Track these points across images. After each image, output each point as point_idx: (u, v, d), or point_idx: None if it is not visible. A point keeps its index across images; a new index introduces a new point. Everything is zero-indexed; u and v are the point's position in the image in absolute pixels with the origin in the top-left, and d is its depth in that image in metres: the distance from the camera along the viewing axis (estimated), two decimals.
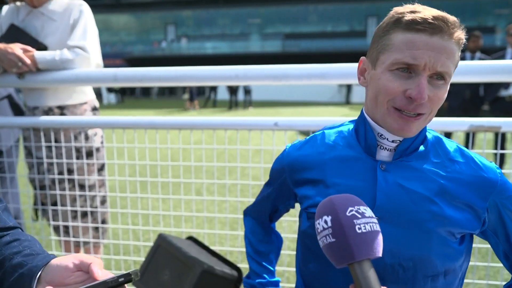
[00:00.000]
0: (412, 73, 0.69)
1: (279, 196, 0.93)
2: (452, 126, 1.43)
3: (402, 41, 0.69)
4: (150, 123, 1.65)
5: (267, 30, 29.96)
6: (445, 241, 0.72)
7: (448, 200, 0.73)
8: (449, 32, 0.67)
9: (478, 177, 0.74)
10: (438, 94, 0.70)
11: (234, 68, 1.54)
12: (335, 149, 0.82)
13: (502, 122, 1.40)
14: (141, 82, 1.62)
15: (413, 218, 0.72)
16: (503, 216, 0.75)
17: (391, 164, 0.76)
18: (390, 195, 0.73)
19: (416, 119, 0.70)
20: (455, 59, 0.69)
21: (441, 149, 0.78)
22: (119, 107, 18.17)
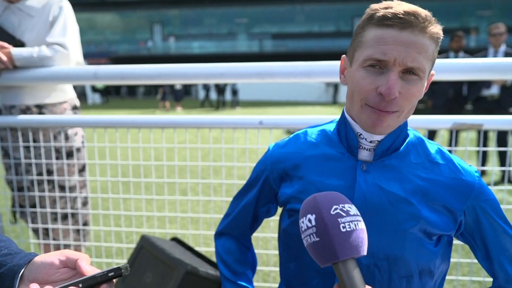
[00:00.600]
0: (384, 69, 0.68)
1: (261, 199, 0.90)
2: (436, 124, 1.44)
3: (373, 37, 0.68)
4: (132, 122, 1.61)
5: (254, 30, 29.95)
6: (419, 241, 0.73)
7: (425, 201, 0.73)
8: (420, 26, 0.66)
9: (457, 179, 0.75)
10: (411, 90, 0.68)
11: (219, 66, 1.52)
12: (317, 148, 0.81)
13: (484, 119, 1.42)
14: (123, 79, 1.58)
15: (389, 219, 0.72)
16: (480, 219, 0.76)
17: (372, 165, 0.76)
18: (367, 195, 0.73)
19: (389, 115, 0.69)
20: (428, 54, 0.68)
21: (422, 150, 0.78)
22: (104, 107, 17.89)
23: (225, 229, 0.97)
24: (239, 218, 0.94)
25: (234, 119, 1.58)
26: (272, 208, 0.92)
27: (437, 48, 0.70)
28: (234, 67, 1.50)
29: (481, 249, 0.78)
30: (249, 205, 0.92)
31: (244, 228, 0.95)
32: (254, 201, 0.91)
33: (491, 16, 27.27)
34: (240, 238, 0.97)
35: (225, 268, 0.94)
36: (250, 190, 0.92)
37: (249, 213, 0.92)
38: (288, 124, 1.52)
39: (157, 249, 1.47)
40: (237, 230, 0.96)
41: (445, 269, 0.80)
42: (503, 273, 0.77)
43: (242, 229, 0.95)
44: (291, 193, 0.80)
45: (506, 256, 0.77)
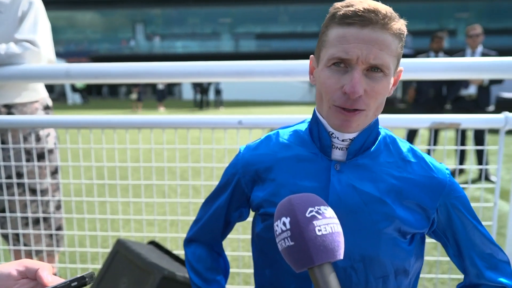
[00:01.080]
0: (348, 67, 0.68)
1: (232, 204, 0.87)
2: (415, 123, 1.44)
3: (335, 36, 0.68)
4: (106, 122, 1.55)
5: (238, 30, 29.89)
6: (394, 241, 0.72)
7: (399, 200, 0.73)
8: (381, 23, 0.66)
9: (429, 177, 0.75)
10: (376, 88, 0.68)
11: (195, 65, 1.48)
12: (289, 149, 0.80)
13: (462, 119, 1.42)
14: (96, 78, 1.52)
15: (364, 220, 0.72)
16: (452, 216, 0.76)
17: (345, 164, 0.75)
18: (342, 196, 0.73)
19: (355, 114, 0.69)
20: (391, 50, 0.68)
21: (394, 149, 0.77)
22: (84, 108, 17.50)
23: (195, 235, 0.93)
24: (210, 223, 0.90)
25: (212, 119, 1.54)
26: (244, 212, 0.89)
27: (401, 44, 0.70)
28: (212, 66, 1.46)
29: (452, 245, 0.79)
30: (220, 210, 0.88)
31: (215, 234, 0.91)
32: (226, 206, 0.87)
33: (468, 18, 28.03)
34: (211, 245, 0.93)
35: (196, 277, 0.90)
36: (221, 195, 0.88)
37: (220, 218, 0.89)
38: (267, 124, 1.49)
39: (132, 253, 1.42)
40: (208, 236, 0.92)
41: (419, 267, 0.80)
42: (474, 268, 0.78)
43: (213, 235, 0.91)
44: (264, 196, 0.78)
45: (477, 251, 0.78)
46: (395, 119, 1.44)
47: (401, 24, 0.69)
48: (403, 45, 0.72)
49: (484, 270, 0.77)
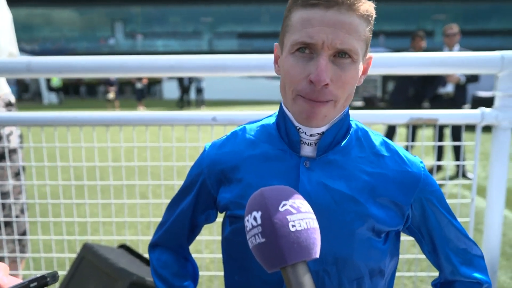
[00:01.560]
0: (313, 53, 0.62)
1: (198, 206, 0.81)
2: (393, 119, 1.42)
3: (299, 20, 0.62)
4: (72, 119, 1.46)
5: (220, 29, 29.74)
6: (368, 241, 0.69)
7: (372, 198, 0.69)
8: (347, 4, 0.60)
9: (402, 172, 0.71)
10: (343, 76, 0.62)
11: (168, 58, 1.41)
12: (256, 146, 0.74)
13: (439, 114, 1.41)
14: (60, 73, 1.42)
15: (336, 220, 0.67)
16: (427, 211, 0.73)
17: (315, 161, 0.70)
18: (312, 196, 0.68)
19: (323, 105, 0.63)
20: (359, 33, 0.62)
21: (367, 142, 0.73)
22: (60, 107, 17.01)
23: (160, 240, 0.86)
24: (175, 227, 0.84)
25: (185, 115, 1.48)
26: (211, 214, 0.83)
27: (369, 27, 0.65)
28: (183, 60, 1.39)
29: (427, 242, 0.76)
30: (185, 212, 0.82)
31: (181, 238, 0.85)
32: (191, 208, 0.81)
33: (445, 20, 28.77)
34: (177, 249, 0.87)
35: (162, 284, 0.83)
36: (185, 196, 0.82)
37: (186, 222, 0.83)
38: (242, 120, 1.43)
39: (100, 258, 1.33)
40: (173, 241, 0.85)
41: (394, 265, 0.77)
42: (449, 265, 0.76)
43: (179, 240, 0.85)
44: (231, 198, 0.73)
45: (451, 247, 0.75)
46: (373, 115, 1.41)
47: (368, 6, 0.64)
48: (372, 29, 0.67)
49: (459, 266, 0.75)
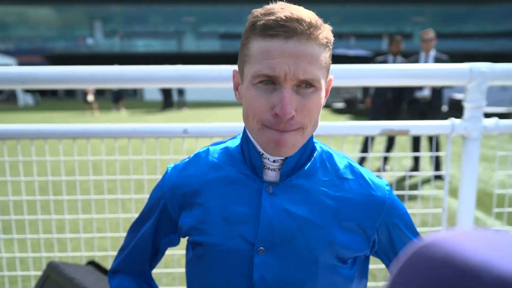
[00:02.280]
0: (276, 84, 0.61)
1: (160, 230, 0.78)
2: (365, 130, 1.42)
3: (258, 50, 0.61)
4: (36, 132, 1.40)
5: (202, 29, 29.54)
6: (333, 269, 0.67)
7: (337, 222, 0.68)
8: (307, 33, 0.59)
9: (367, 196, 0.69)
10: (308, 105, 0.62)
11: (133, 70, 1.36)
12: (219, 169, 0.72)
13: (411, 126, 1.42)
14: (24, 84, 1.36)
15: (299, 247, 0.66)
16: (393, 236, 0.72)
17: (279, 186, 0.68)
18: (275, 222, 0.66)
19: (290, 137, 0.62)
20: (320, 62, 0.61)
21: (331, 165, 0.71)
22: (36, 110, 16.54)
23: (121, 266, 0.83)
24: (136, 252, 0.80)
25: (156, 127, 1.44)
26: (174, 238, 0.80)
27: (329, 53, 0.64)
28: (148, 71, 1.35)
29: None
30: (146, 237, 0.79)
31: (142, 263, 0.81)
32: (152, 233, 0.78)
33: (424, 22, 29.47)
34: (139, 275, 0.83)
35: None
36: (147, 220, 0.78)
37: (147, 247, 0.79)
38: (214, 133, 1.41)
39: (65, 278, 1.28)
40: (135, 267, 0.82)
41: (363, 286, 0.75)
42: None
43: (141, 265, 0.82)
44: (192, 223, 0.70)
45: None
46: (346, 127, 1.41)
47: (327, 32, 0.63)
48: (331, 53, 0.66)
49: None
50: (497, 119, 1.42)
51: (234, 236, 0.66)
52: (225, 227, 0.67)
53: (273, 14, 0.60)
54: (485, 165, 5.32)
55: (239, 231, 0.66)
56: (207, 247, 0.68)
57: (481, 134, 1.41)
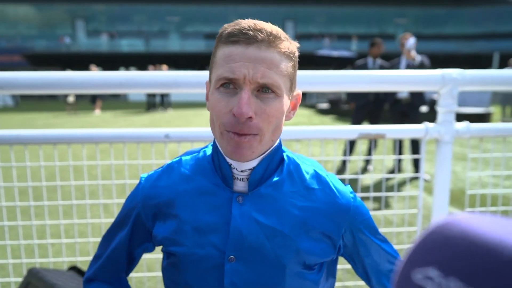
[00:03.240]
0: (237, 88, 0.65)
1: (134, 239, 0.80)
2: (343, 134, 1.46)
3: (222, 56, 0.65)
4: (15, 138, 1.39)
5: (187, 29, 29.36)
6: (300, 275, 0.71)
7: (304, 232, 0.71)
8: (267, 41, 0.63)
9: (332, 204, 0.73)
10: (267, 110, 0.64)
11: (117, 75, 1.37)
12: (191, 180, 0.74)
13: (386, 129, 1.47)
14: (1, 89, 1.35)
15: (267, 255, 0.69)
16: (357, 240, 0.76)
17: (248, 196, 0.71)
18: (244, 232, 0.69)
19: (247, 141, 0.65)
20: (280, 69, 0.65)
21: (298, 176, 0.74)
22: (16, 110, 16.13)
23: (95, 274, 0.83)
24: (111, 261, 0.82)
25: (137, 132, 1.44)
26: (149, 246, 0.82)
27: (292, 64, 0.67)
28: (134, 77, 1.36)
29: (360, 267, 0.79)
30: (120, 246, 0.80)
31: (117, 272, 0.83)
32: (126, 242, 0.79)
33: (407, 24, 30.03)
34: (114, 282, 0.84)
35: None
36: (121, 229, 0.80)
37: (122, 255, 0.81)
38: (195, 137, 1.43)
39: (46, 284, 1.28)
40: (110, 274, 0.83)
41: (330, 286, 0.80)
42: (381, 287, 0.80)
43: (116, 273, 0.83)
44: (166, 233, 0.73)
45: (383, 271, 0.79)
46: (323, 131, 1.45)
47: (290, 44, 0.67)
48: (296, 66, 0.69)
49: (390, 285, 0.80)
50: (468, 123, 1.49)
51: (205, 245, 0.69)
52: (197, 237, 0.70)
53: (238, 24, 0.65)
54: (464, 164, 5.48)
55: (210, 240, 0.69)
56: (180, 257, 0.71)
57: (453, 137, 1.47)
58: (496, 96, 10.17)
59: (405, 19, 30.42)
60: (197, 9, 29.12)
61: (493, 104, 11.54)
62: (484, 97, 10.21)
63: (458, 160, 5.66)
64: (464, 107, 10.21)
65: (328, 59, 20.11)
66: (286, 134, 1.43)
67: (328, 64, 20.20)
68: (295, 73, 0.69)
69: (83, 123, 10.77)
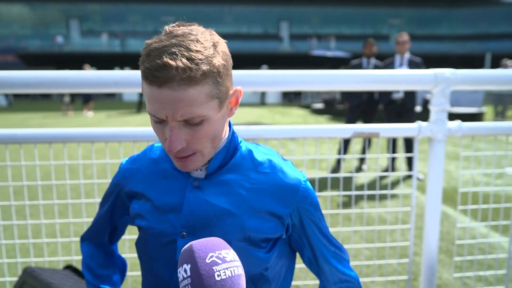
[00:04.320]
0: (165, 121, 0.68)
1: (115, 212, 0.91)
2: (337, 133, 1.48)
3: (145, 92, 0.66)
4: (11, 137, 1.38)
5: None
6: (245, 250, 0.76)
7: (250, 211, 0.76)
8: (179, 78, 0.61)
9: (282, 185, 0.78)
10: (198, 135, 0.68)
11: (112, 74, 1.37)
12: (157, 164, 0.83)
13: (380, 128, 1.48)
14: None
15: (216, 232, 0.75)
16: (304, 220, 0.81)
17: (204, 181, 0.78)
18: (195, 211, 0.76)
19: (189, 159, 0.70)
20: (199, 100, 0.63)
21: (251, 162, 0.80)
22: (10, 111, 15.99)
23: (87, 235, 0.97)
24: (98, 227, 0.95)
25: (134, 131, 1.45)
26: (128, 219, 0.92)
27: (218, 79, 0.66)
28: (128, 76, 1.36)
29: (307, 248, 0.84)
30: (104, 216, 0.92)
31: (102, 237, 0.95)
32: (109, 213, 0.92)
33: (400, 24, 30.21)
34: (101, 245, 0.97)
35: (88, 273, 0.93)
36: (106, 201, 0.92)
37: (106, 224, 0.93)
38: None
39: (42, 283, 1.28)
40: (97, 239, 0.96)
41: (284, 270, 0.84)
42: (327, 265, 0.85)
43: (101, 238, 0.95)
44: (137, 209, 0.82)
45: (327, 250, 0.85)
46: (318, 130, 1.46)
47: (207, 64, 0.63)
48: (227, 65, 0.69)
49: (336, 264, 0.86)
50: (460, 121, 1.51)
51: (163, 222, 0.77)
52: (157, 214, 0.78)
53: (150, 59, 0.62)
54: (456, 163, 5.53)
55: (167, 218, 0.77)
56: (144, 230, 0.80)
57: (445, 136, 1.49)
58: (489, 96, 10.27)
59: (399, 20, 30.61)
60: (192, 9, 29.08)
61: (485, 104, 11.66)
62: (477, 97, 10.31)
63: (450, 159, 5.71)
64: (458, 107, 10.30)
65: (322, 59, 20.18)
66: (281, 133, 1.44)
67: (322, 64, 20.28)
68: (227, 75, 0.69)
69: (77, 123, 10.71)
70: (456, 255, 2.63)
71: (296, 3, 30.20)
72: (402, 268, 2.41)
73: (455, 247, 1.65)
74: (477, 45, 29.12)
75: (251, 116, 12.05)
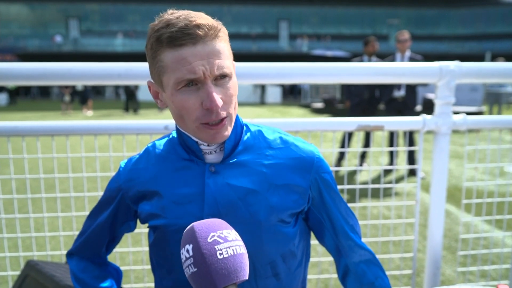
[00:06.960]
0: (199, 84, 0.69)
1: (117, 219, 0.87)
2: (342, 126, 1.47)
3: (173, 60, 0.68)
4: (13, 129, 1.37)
5: None
6: (275, 227, 0.76)
7: (272, 187, 0.76)
8: (208, 34, 0.68)
9: (297, 158, 0.79)
10: (229, 93, 0.71)
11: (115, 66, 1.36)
12: (166, 160, 0.81)
13: (385, 121, 1.48)
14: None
15: (243, 214, 0.74)
16: (323, 194, 0.82)
17: (221, 165, 0.77)
18: (217, 196, 0.75)
19: (223, 125, 0.72)
20: (226, 54, 0.71)
21: (263, 139, 0.81)
22: (10, 110, 15.95)
23: (77, 249, 0.92)
24: (93, 238, 0.89)
25: (137, 124, 1.44)
26: (131, 225, 0.89)
27: (229, 42, 0.74)
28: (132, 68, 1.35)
29: (327, 222, 0.84)
30: (103, 224, 0.87)
31: (99, 248, 0.90)
32: (110, 221, 0.87)
33: (399, 24, 30.23)
34: (94, 258, 0.92)
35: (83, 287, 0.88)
36: (104, 209, 0.86)
37: (105, 233, 0.88)
38: None
39: (45, 276, 1.27)
40: (91, 251, 0.91)
41: (305, 246, 0.85)
42: (347, 240, 0.85)
43: (96, 250, 0.90)
44: (150, 210, 0.79)
45: (346, 224, 0.84)
46: (323, 123, 1.46)
47: (222, 27, 0.72)
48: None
49: (356, 239, 0.85)
50: (465, 115, 1.50)
51: (184, 215, 0.75)
52: (176, 210, 0.76)
53: (174, 25, 0.67)
54: (457, 161, 5.53)
55: (188, 210, 0.75)
56: (163, 229, 0.77)
57: (450, 129, 1.48)
58: (489, 96, 10.29)
59: (397, 20, 30.63)
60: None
61: (485, 104, 11.67)
62: (476, 97, 10.33)
63: (451, 157, 5.71)
64: (458, 106, 10.32)
65: (322, 59, 20.23)
66: (285, 126, 1.43)
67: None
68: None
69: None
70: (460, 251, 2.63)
71: (295, 3, 30.21)
72: (405, 264, 2.40)
73: (459, 242, 1.64)
74: (475, 45, 29.16)
75: (251, 116, 12.03)
